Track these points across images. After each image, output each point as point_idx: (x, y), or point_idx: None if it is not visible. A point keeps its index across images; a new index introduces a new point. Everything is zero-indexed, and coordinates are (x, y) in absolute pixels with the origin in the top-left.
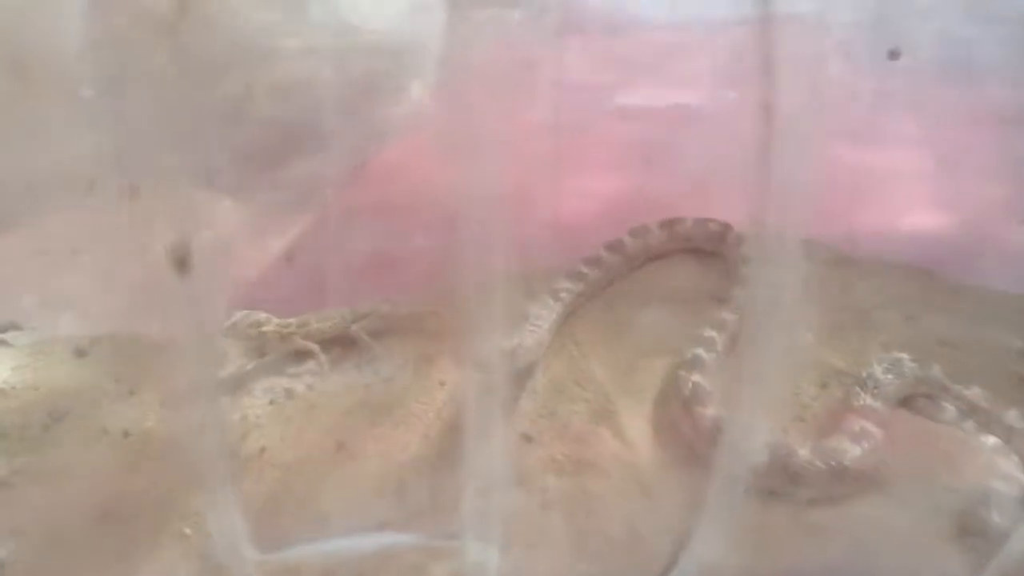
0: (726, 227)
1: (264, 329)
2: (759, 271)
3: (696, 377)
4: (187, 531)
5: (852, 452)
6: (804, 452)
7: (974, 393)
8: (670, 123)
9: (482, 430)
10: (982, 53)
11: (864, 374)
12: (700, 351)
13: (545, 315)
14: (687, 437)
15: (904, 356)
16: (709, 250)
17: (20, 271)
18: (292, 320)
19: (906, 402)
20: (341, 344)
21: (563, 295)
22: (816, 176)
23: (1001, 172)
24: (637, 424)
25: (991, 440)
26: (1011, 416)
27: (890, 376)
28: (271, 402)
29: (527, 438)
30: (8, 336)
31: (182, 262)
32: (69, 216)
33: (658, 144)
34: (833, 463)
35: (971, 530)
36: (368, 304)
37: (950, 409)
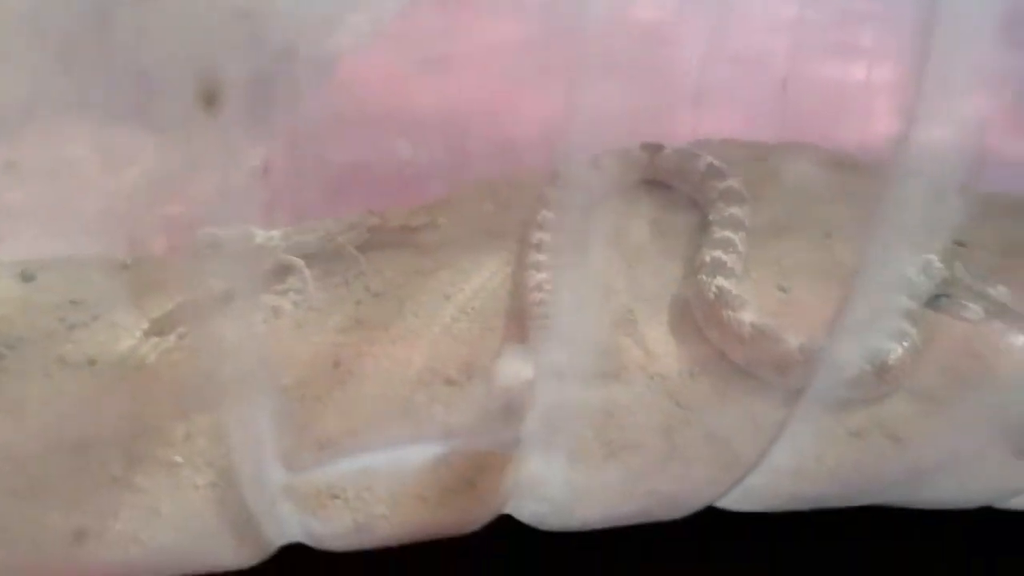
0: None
1: (257, 242)
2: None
3: (720, 281)
4: (177, 459)
5: (894, 351)
6: None
7: (999, 292)
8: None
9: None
10: None
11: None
12: (719, 253)
13: None
14: (715, 343)
15: (933, 257)
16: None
17: None
18: (275, 233)
19: (930, 302)
20: (326, 259)
21: None
22: None
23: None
24: (656, 332)
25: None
26: None
27: (922, 277)
28: (262, 321)
29: None
30: None
31: (210, 96)
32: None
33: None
34: (877, 363)
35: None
36: (353, 216)
37: (975, 308)
